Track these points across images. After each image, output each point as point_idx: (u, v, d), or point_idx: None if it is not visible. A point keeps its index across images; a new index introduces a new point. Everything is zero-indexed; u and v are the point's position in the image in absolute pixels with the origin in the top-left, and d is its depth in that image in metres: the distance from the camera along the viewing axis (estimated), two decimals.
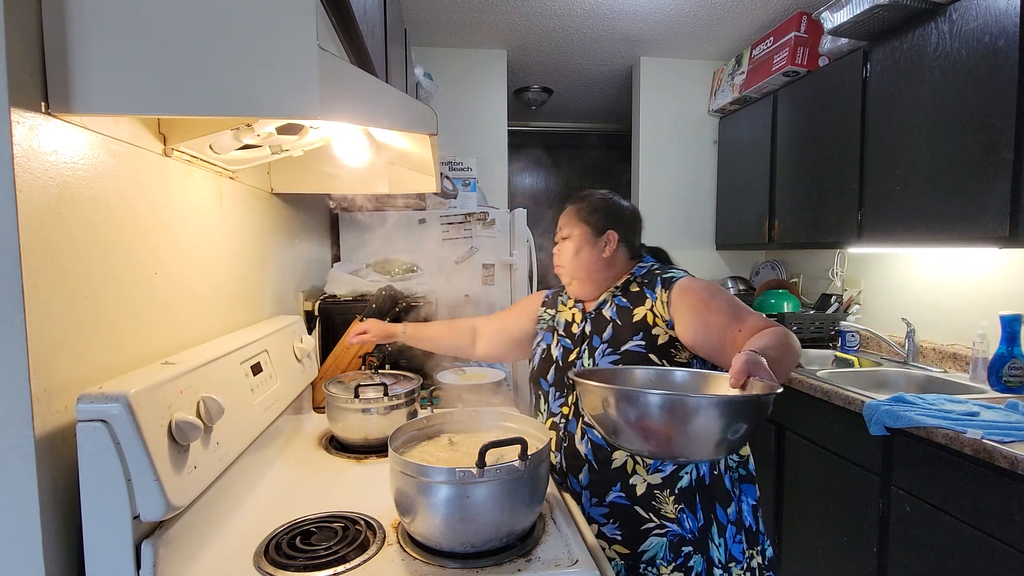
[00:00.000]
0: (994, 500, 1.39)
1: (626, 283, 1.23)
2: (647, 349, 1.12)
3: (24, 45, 0.66)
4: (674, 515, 1.09)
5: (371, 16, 1.42)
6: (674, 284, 1.15)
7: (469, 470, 0.78)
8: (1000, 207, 1.69)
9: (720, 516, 1.11)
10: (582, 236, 1.23)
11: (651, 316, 1.15)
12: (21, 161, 0.65)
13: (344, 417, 1.29)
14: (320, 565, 0.81)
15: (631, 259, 1.27)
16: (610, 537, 1.11)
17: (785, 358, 0.94)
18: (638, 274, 1.23)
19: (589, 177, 4.92)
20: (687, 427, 0.75)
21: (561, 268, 1.27)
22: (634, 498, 1.10)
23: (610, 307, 1.21)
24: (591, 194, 1.29)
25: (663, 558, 1.08)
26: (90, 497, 0.70)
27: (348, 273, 1.94)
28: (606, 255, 1.23)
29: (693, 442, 0.76)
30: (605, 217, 1.24)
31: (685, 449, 0.77)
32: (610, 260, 1.23)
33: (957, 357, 2.16)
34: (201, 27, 0.71)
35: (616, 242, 1.23)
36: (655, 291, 1.17)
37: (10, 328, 0.65)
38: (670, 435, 0.76)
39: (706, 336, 1.08)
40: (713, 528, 1.10)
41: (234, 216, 1.29)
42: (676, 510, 1.09)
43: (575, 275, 1.25)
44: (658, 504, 1.09)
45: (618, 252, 1.24)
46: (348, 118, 0.83)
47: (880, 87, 2.14)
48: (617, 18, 2.79)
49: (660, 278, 1.18)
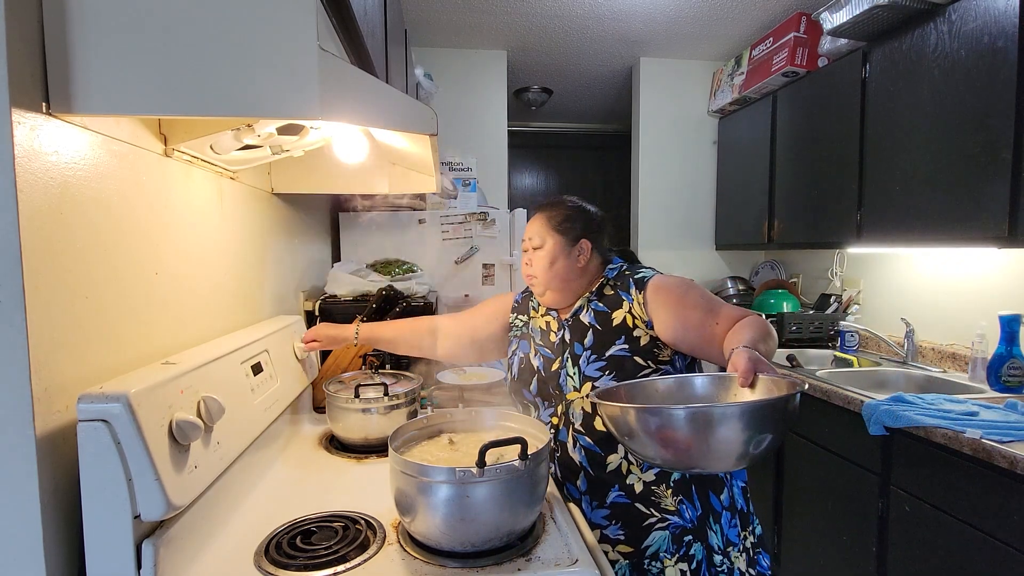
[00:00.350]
0: (993, 500, 1.39)
1: (600, 287, 1.22)
2: (631, 352, 1.13)
3: (25, 45, 0.66)
4: (674, 507, 1.10)
5: (371, 16, 1.42)
6: (647, 284, 1.16)
7: (469, 470, 0.79)
8: (999, 207, 1.69)
9: (714, 503, 1.13)
10: (556, 246, 1.20)
11: (630, 318, 1.15)
12: (22, 161, 0.65)
13: (344, 417, 1.29)
14: (320, 564, 0.81)
15: (602, 264, 1.26)
16: (613, 539, 1.11)
17: (770, 349, 0.98)
18: (610, 277, 1.22)
19: (589, 177, 4.92)
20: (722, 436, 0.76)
21: (534, 279, 1.23)
22: (634, 496, 1.11)
23: (587, 313, 1.20)
24: (561, 202, 1.25)
25: (666, 551, 1.09)
26: (91, 497, 0.70)
27: (348, 273, 1.94)
28: (580, 264, 1.21)
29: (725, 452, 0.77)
30: (577, 226, 1.21)
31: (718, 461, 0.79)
32: (584, 268, 1.21)
33: (956, 357, 2.16)
34: (202, 28, 0.71)
35: (589, 251, 1.21)
36: (630, 293, 1.17)
37: (11, 328, 0.65)
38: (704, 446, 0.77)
39: (684, 332, 1.10)
40: (710, 516, 1.12)
41: (234, 216, 1.29)
42: (676, 502, 1.10)
43: (549, 286, 1.21)
44: (657, 498, 1.11)
45: (591, 259, 1.22)
46: (348, 118, 0.83)
47: (879, 87, 2.14)
48: (617, 18, 2.79)
49: (632, 279, 1.19)
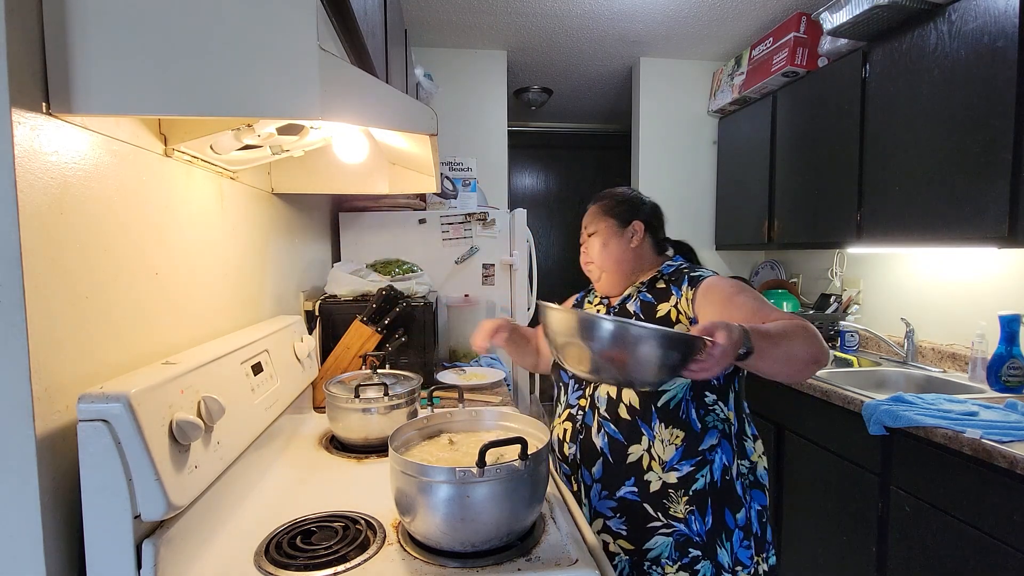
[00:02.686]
0: (993, 500, 1.39)
1: (652, 280, 1.23)
2: None
3: (25, 46, 0.67)
4: (683, 516, 1.09)
5: (371, 17, 1.43)
6: (700, 282, 1.15)
7: (469, 470, 0.79)
8: (999, 207, 1.69)
9: (728, 521, 1.11)
10: (608, 229, 1.25)
11: (675, 312, 1.15)
12: (22, 161, 0.66)
13: (344, 417, 1.29)
14: (321, 564, 0.81)
15: (658, 254, 1.28)
16: (615, 531, 1.12)
17: (784, 339, 0.96)
18: (666, 272, 1.23)
19: (589, 177, 4.93)
20: (631, 352, 0.89)
21: (590, 264, 1.28)
22: (646, 495, 1.10)
23: (634, 302, 1.21)
24: (612, 191, 1.31)
25: (668, 557, 1.08)
26: (91, 496, 0.70)
27: (348, 273, 1.93)
28: (634, 245, 1.24)
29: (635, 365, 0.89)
30: (629, 209, 1.26)
31: (630, 373, 0.91)
32: (638, 251, 1.25)
33: (956, 357, 2.16)
34: (202, 28, 0.71)
35: (643, 232, 1.25)
36: (681, 288, 1.17)
37: (11, 328, 0.65)
38: (614, 358, 0.90)
39: None
40: (721, 533, 1.10)
41: (235, 216, 1.29)
42: (686, 511, 1.09)
43: (604, 267, 1.26)
44: (668, 503, 1.09)
45: (645, 244, 1.25)
46: (348, 118, 0.83)
47: (879, 87, 2.14)
48: (617, 18, 2.80)
49: (688, 275, 1.18)
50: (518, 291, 2.46)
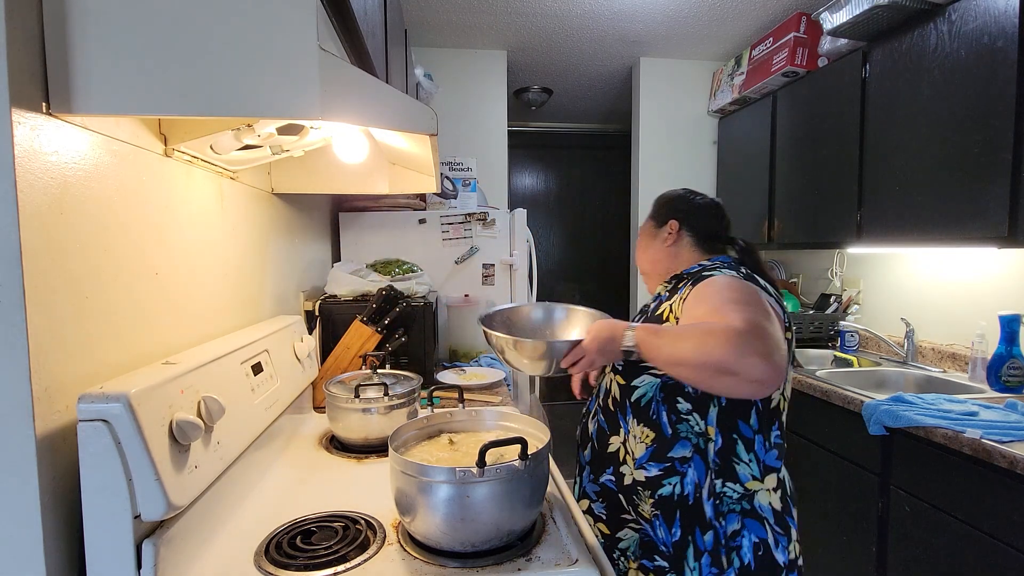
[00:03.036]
0: (993, 500, 1.39)
1: (676, 279, 1.19)
2: None
3: (25, 45, 0.67)
4: (648, 517, 1.07)
5: (371, 17, 1.43)
6: (701, 280, 1.08)
7: (469, 470, 0.79)
8: (999, 207, 1.69)
9: (698, 540, 1.04)
10: (647, 231, 1.27)
11: (668, 311, 1.11)
12: (22, 161, 0.66)
13: (344, 417, 1.29)
14: (321, 564, 0.81)
15: (703, 253, 1.22)
16: (597, 514, 1.14)
17: (680, 340, 0.92)
18: (689, 272, 1.18)
19: (589, 177, 4.93)
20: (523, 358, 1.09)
21: (638, 265, 1.30)
22: (621, 486, 1.11)
23: (655, 301, 1.21)
24: (664, 192, 1.31)
25: (633, 552, 1.10)
26: (91, 496, 0.70)
27: (348, 273, 1.93)
28: (668, 244, 1.22)
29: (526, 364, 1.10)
30: (667, 209, 1.25)
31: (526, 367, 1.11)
32: (673, 251, 1.22)
33: (956, 357, 2.16)
34: (202, 28, 0.71)
35: (676, 231, 1.21)
36: (686, 287, 1.12)
37: (11, 328, 0.65)
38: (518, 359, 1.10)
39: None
40: (690, 550, 1.04)
41: (235, 216, 1.29)
42: (651, 513, 1.06)
43: (642, 268, 1.28)
44: (638, 500, 1.08)
45: (681, 243, 1.21)
46: (348, 118, 0.83)
47: (879, 87, 2.14)
48: (617, 18, 2.80)
49: (699, 275, 1.12)
50: (518, 291, 2.46)
